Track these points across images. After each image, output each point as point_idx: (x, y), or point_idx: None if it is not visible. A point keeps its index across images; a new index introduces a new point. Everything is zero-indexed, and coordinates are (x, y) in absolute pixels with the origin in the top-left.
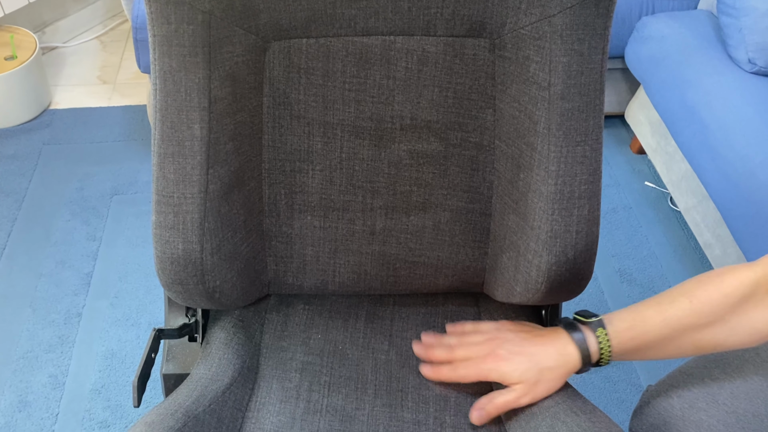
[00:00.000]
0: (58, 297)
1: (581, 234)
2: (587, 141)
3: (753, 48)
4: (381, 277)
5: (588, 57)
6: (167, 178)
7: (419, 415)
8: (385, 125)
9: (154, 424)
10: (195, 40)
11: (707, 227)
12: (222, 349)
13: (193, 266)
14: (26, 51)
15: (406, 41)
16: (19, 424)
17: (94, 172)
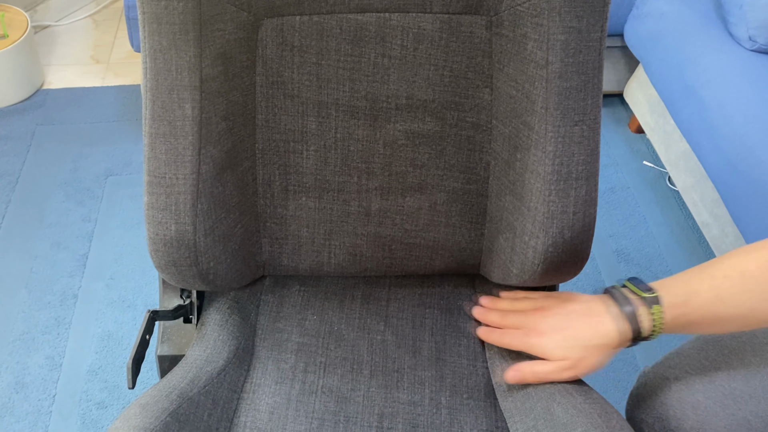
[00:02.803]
0: (53, 278)
1: (578, 215)
2: (585, 120)
3: (754, 25)
4: (377, 259)
5: (586, 34)
6: (159, 158)
7: (415, 395)
8: (380, 105)
9: (148, 405)
10: (185, 18)
11: (705, 207)
12: (217, 330)
13: (186, 248)
14: (17, 30)
15: (401, 18)
16: (17, 406)
17: (88, 153)
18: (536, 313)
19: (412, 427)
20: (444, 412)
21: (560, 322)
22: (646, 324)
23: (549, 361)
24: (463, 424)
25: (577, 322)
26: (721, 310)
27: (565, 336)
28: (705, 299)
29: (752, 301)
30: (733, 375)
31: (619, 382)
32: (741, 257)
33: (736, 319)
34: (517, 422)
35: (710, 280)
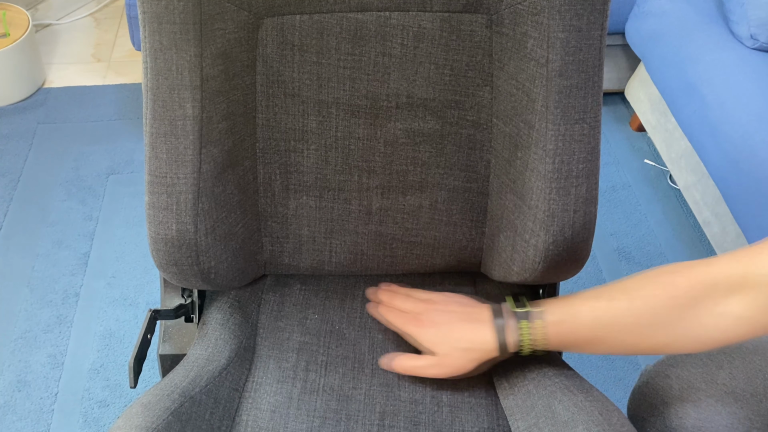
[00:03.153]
0: (55, 277)
1: (579, 213)
2: (586, 119)
3: (755, 23)
4: (378, 258)
5: (587, 33)
6: (160, 158)
7: (416, 394)
8: (380, 103)
9: (150, 404)
10: (186, 17)
11: (706, 205)
12: (218, 329)
13: (187, 247)
14: (19, 28)
15: (401, 17)
16: (19, 404)
17: (89, 152)
18: (424, 304)
19: (413, 425)
20: (445, 410)
21: (440, 318)
22: (512, 339)
23: (421, 355)
24: (464, 422)
25: (454, 323)
26: (601, 333)
27: (439, 332)
28: (584, 322)
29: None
30: (734, 374)
31: (620, 380)
32: (636, 281)
33: (620, 344)
34: (518, 420)
35: (594, 302)
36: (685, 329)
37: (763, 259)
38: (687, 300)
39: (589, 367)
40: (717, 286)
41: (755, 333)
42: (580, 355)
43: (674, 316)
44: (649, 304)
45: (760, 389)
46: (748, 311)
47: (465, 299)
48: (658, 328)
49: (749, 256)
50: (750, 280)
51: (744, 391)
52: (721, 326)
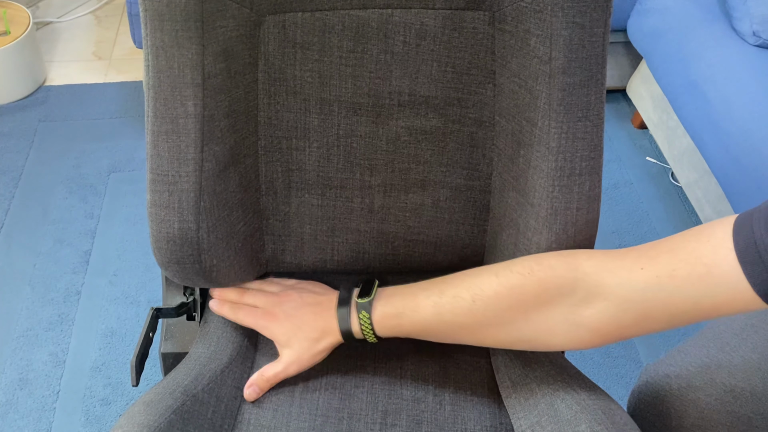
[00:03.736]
0: (57, 275)
1: (582, 211)
2: (588, 116)
3: (758, 20)
4: (380, 256)
5: (590, 30)
6: (161, 156)
7: (418, 392)
8: (382, 101)
9: (152, 403)
10: (187, 15)
11: (708, 203)
12: (220, 327)
13: (189, 245)
14: (19, 26)
15: (403, 14)
16: (21, 402)
17: (90, 150)
18: (276, 297)
19: (415, 423)
20: (447, 408)
21: (293, 310)
22: (355, 328)
23: (275, 360)
24: (467, 421)
25: (305, 315)
26: (442, 328)
27: (293, 324)
28: (423, 315)
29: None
30: (734, 373)
31: (621, 378)
32: (484, 277)
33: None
34: (521, 418)
35: (437, 297)
36: (531, 332)
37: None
38: (536, 304)
39: (590, 365)
40: (575, 293)
41: (600, 344)
42: (581, 352)
43: (520, 318)
44: (493, 305)
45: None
46: (605, 324)
47: (318, 286)
48: (500, 328)
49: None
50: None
51: (743, 390)
52: (569, 335)
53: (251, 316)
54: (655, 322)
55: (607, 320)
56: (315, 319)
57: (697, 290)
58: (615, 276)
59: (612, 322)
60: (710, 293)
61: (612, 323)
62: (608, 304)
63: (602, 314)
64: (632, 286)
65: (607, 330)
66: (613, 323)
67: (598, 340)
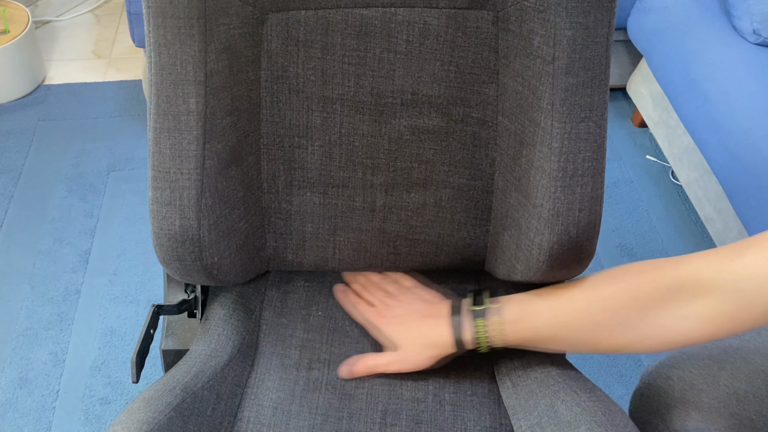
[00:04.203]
0: (56, 274)
1: (584, 212)
2: (591, 117)
3: (758, 18)
4: (381, 255)
5: (593, 30)
6: (163, 153)
7: (418, 392)
8: (385, 100)
9: (152, 400)
10: (190, 12)
11: (708, 201)
12: (221, 325)
13: (190, 242)
14: (18, 25)
15: (407, 13)
16: (20, 401)
17: (90, 149)
18: (392, 299)
19: (415, 423)
20: (447, 408)
21: (404, 315)
22: (468, 336)
23: (380, 353)
24: (467, 421)
25: (416, 319)
26: (559, 333)
27: (403, 328)
28: (542, 320)
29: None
30: (736, 375)
31: (621, 378)
32: (599, 279)
33: (580, 343)
34: (521, 419)
35: (553, 301)
36: (647, 330)
37: (734, 265)
38: (649, 302)
39: (591, 365)
40: (682, 289)
41: (715, 337)
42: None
43: (634, 317)
44: (609, 305)
45: (762, 390)
46: (713, 316)
47: (431, 294)
48: (616, 329)
49: (720, 259)
50: (718, 286)
51: (746, 392)
52: (683, 329)
53: (367, 312)
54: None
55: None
56: (423, 327)
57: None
58: (712, 268)
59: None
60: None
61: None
62: (711, 296)
63: (707, 307)
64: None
65: (714, 322)
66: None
67: (710, 332)
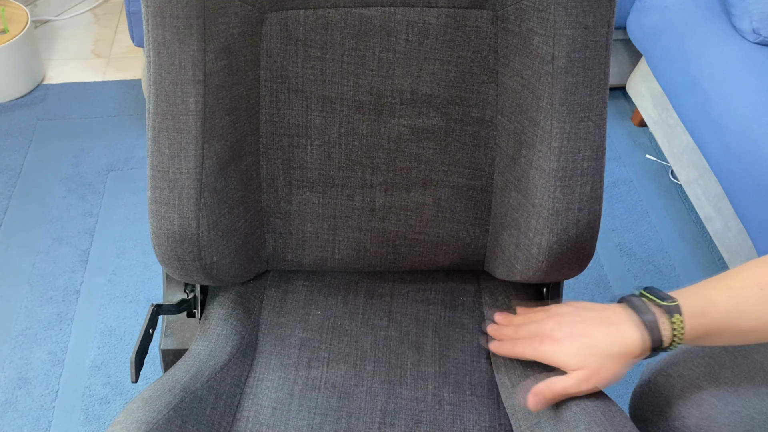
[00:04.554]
0: (55, 274)
1: (583, 212)
2: (591, 117)
3: (758, 18)
4: (380, 254)
5: (593, 30)
6: (162, 152)
7: (417, 392)
8: (384, 100)
9: (151, 399)
10: (189, 11)
11: (708, 200)
12: (220, 325)
13: (189, 242)
14: (18, 24)
15: (406, 12)
16: (20, 401)
17: (89, 148)
18: (550, 320)
19: (414, 423)
20: (447, 408)
21: (577, 330)
22: (667, 333)
23: (566, 375)
24: (466, 421)
25: (594, 330)
26: (740, 322)
27: (582, 344)
28: (722, 310)
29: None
30: (737, 372)
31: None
32: (758, 269)
33: (755, 332)
34: (520, 419)
35: (728, 291)
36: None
37: None
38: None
39: None
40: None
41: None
42: None
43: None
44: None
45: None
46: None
47: (588, 304)
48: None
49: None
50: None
51: (746, 390)
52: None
53: (531, 346)
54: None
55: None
56: (607, 336)
57: None
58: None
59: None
60: None
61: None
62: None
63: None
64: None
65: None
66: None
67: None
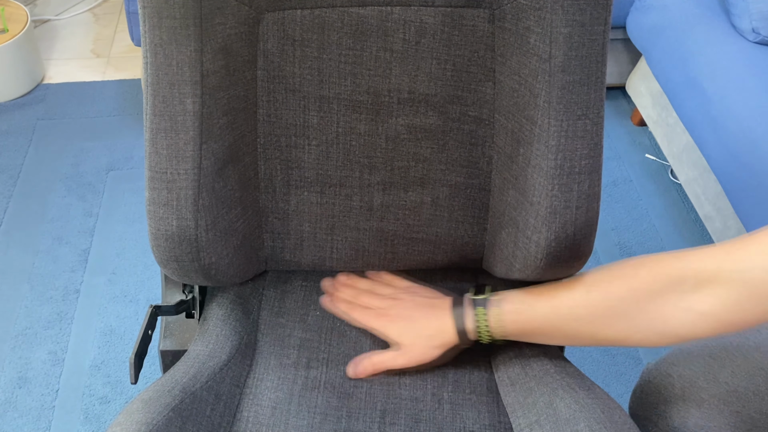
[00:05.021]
0: (55, 273)
1: (581, 210)
2: (588, 115)
3: (757, 17)
4: (379, 254)
5: (590, 28)
6: (160, 153)
7: (417, 392)
8: (382, 99)
9: (151, 400)
10: (186, 12)
11: (708, 199)
12: (219, 325)
13: (188, 243)
14: (17, 24)
15: (403, 12)
16: (20, 400)
17: (89, 148)
18: (390, 300)
19: (414, 422)
20: (446, 407)
21: (406, 311)
22: (470, 326)
23: (385, 349)
24: (466, 419)
25: (418, 314)
26: (557, 322)
27: (405, 324)
28: (540, 309)
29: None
30: (737, 372)
31: (621, 376)
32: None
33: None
34: (520, 417)
35: (552, 291)
36: (646, 322)
37: (738, 255)
38: (648, 293)
39: (589, 363)
40: (684, 281)
41: (719, 331)
42: (581, 349)
43: (633, 308)
44: (607, 294)
45: (762, 387)
46: (715, 308)
47: (429, 291)
48: (615, 320)
49: (724, 252)
50: (721, 277)
51: (746, 390)
52: (684, 322)
53: (365, 317)
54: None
55: (713, 303)
56: (429, 319)
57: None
58: (715, 259)
59: (717, 304)
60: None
61: (718, 306)
62: (713, 287)
63: (708, 297)
64: (730, 267)
65: (716, 314)
66: (719, 305)
67: (713, 326)
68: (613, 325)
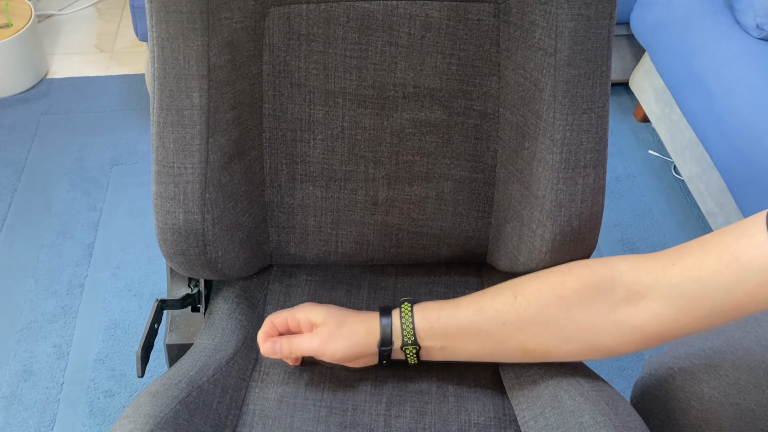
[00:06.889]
0: (60, 268)
1: (586, 203)
2: (593, 108)
3: (762, 13)
4: (384, 248)
5: (595, 22)
6: (167, 147)
7: (422, 384)
8: (387, 93)
9: (158, 393)
10: (192, 6)
11: (711, 196)
12: (225, 319)
13: (194, 237)
14: (21, 19)
15: (408, 6)
16: (25, 394)
17: (93, 143)
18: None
19: (419, 415)
20: (451, 400)
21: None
22: (396, 321)
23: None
24: (471, 412)
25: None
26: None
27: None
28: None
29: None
30: (737, 365)
31: (623, 370)
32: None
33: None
34: (524, 409)
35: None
36: (576, 333)
37: (674, 270)
38: (575, 300)
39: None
40: (612, 291)
41: (650, 344)
42: None
43: (561, 316)
44: (534, 301)
45: (763, 381)
46: (650, 323)
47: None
48: (544, 327)
49: (659, 267)
50: (658, 292)
51: (747, 383)
52: (615, 335)
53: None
54: (695, 318)
55: (648, 317)
56: (354, 322)
57: (727, 279)
58: (650, 273)
59: (653, 319)
60: (741, 280)
61: (653, 320)
62: (647, 302)
63: (643, 312)
64: (666, 281)
65: (649, 328)
66: (654, 320)
67: (643, 341)
68: (541, 332)
